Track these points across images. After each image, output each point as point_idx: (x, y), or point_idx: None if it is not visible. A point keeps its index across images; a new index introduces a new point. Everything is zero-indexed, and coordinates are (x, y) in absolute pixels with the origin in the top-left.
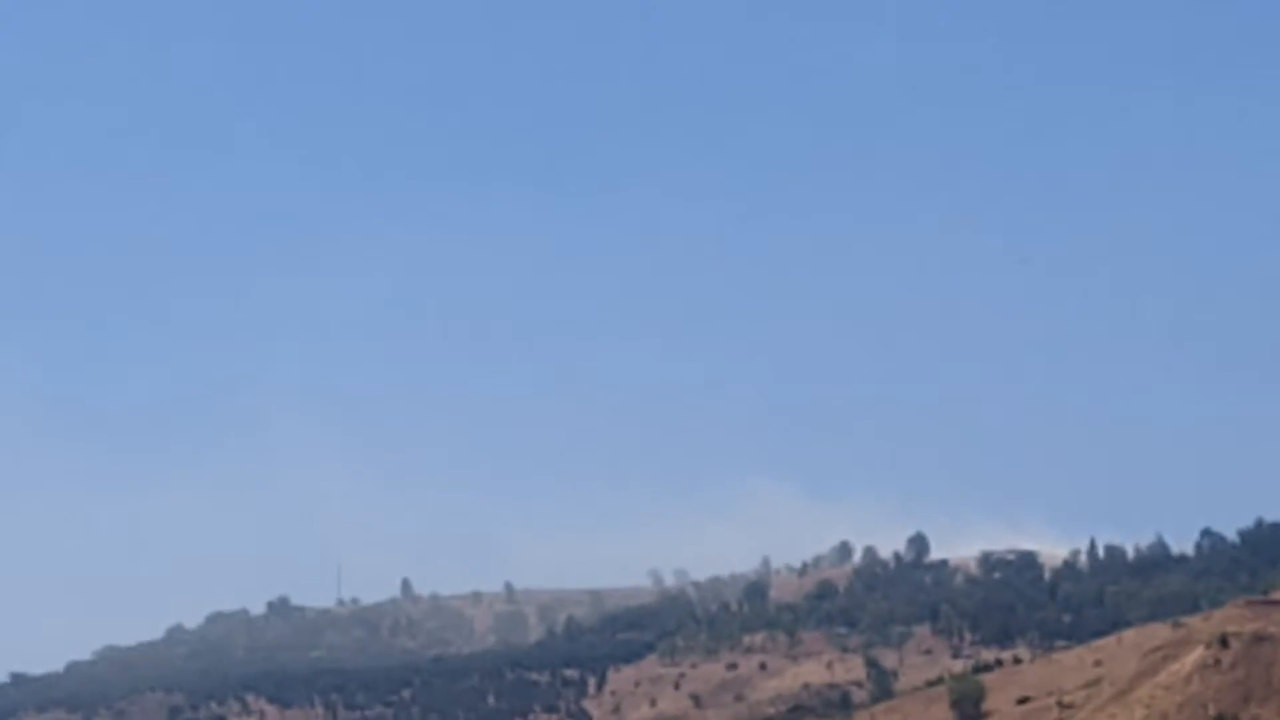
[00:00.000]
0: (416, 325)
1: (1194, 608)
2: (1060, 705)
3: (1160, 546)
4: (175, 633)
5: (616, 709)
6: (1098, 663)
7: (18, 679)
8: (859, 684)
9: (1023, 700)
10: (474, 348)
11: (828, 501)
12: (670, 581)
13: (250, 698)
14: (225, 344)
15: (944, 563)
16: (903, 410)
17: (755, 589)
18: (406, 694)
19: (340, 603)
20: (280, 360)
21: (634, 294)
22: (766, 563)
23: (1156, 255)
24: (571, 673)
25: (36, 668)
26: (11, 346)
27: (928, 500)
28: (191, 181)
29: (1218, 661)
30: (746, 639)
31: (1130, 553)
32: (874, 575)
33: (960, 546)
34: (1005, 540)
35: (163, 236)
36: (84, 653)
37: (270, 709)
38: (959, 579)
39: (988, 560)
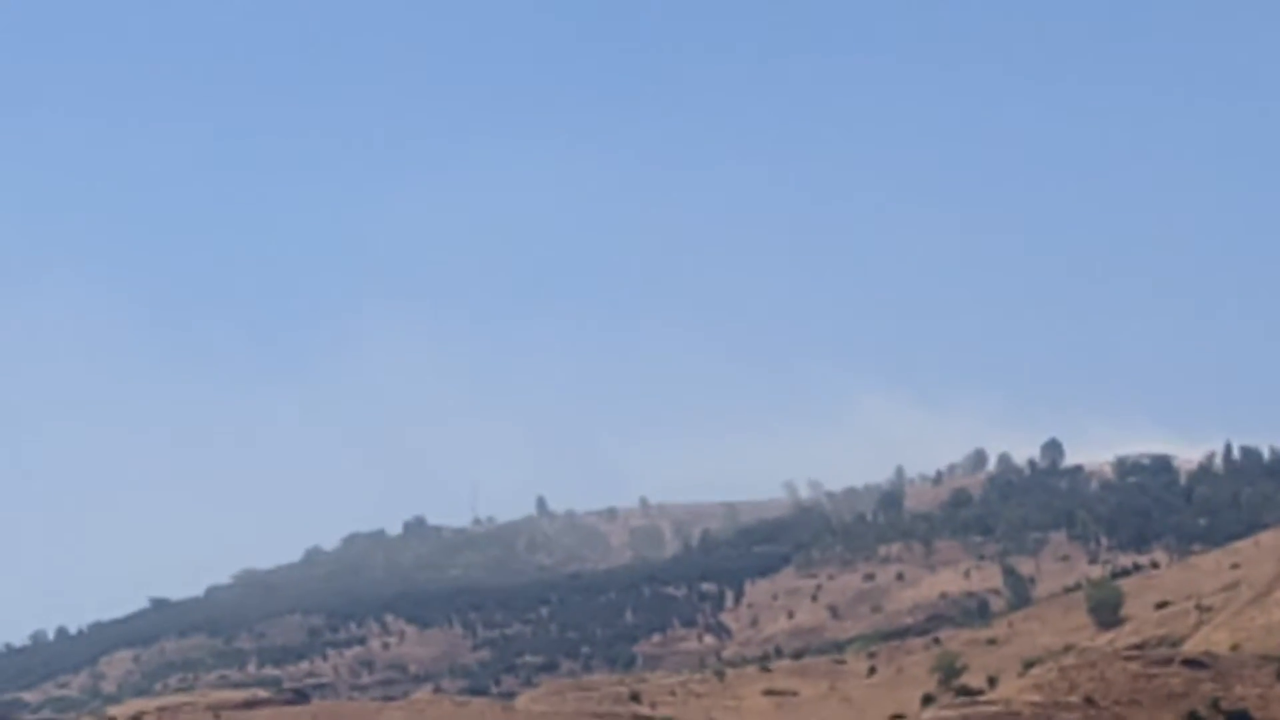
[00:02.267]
0: (540, 241)
1: None
2: (1199, 609)
3: None
4: (313, 554)
5: (754, 621)
6: (1235, 565)
7: (159, 604)
8: (996, 592)
9: (1161, 605)
10: (599, 263)
11: (958, 409)
12: (805, 493)
13: (389, 618)
14: (347, 260)
15: (1078, 468)
16: (1030, 313)
17: (890, 499)
18: (544, 611)
19: (476, 521)
20: (403, 277)
21: (745, 205)
22: (900, 472)
23: None
24: (709, 586)
25: (177, 593)
26: (121, 276)
27: (1060, 406)
28: (299, 99)
29: None
30: (882, 549)
31: (1266, 454)
32: (1008, 483)
33: (1094, 452)
34: (1139, 444)
35: (272, 155)
36: (223, 577)
37: (409, 629)
38: (1094, 484)
39: (1122, 465)
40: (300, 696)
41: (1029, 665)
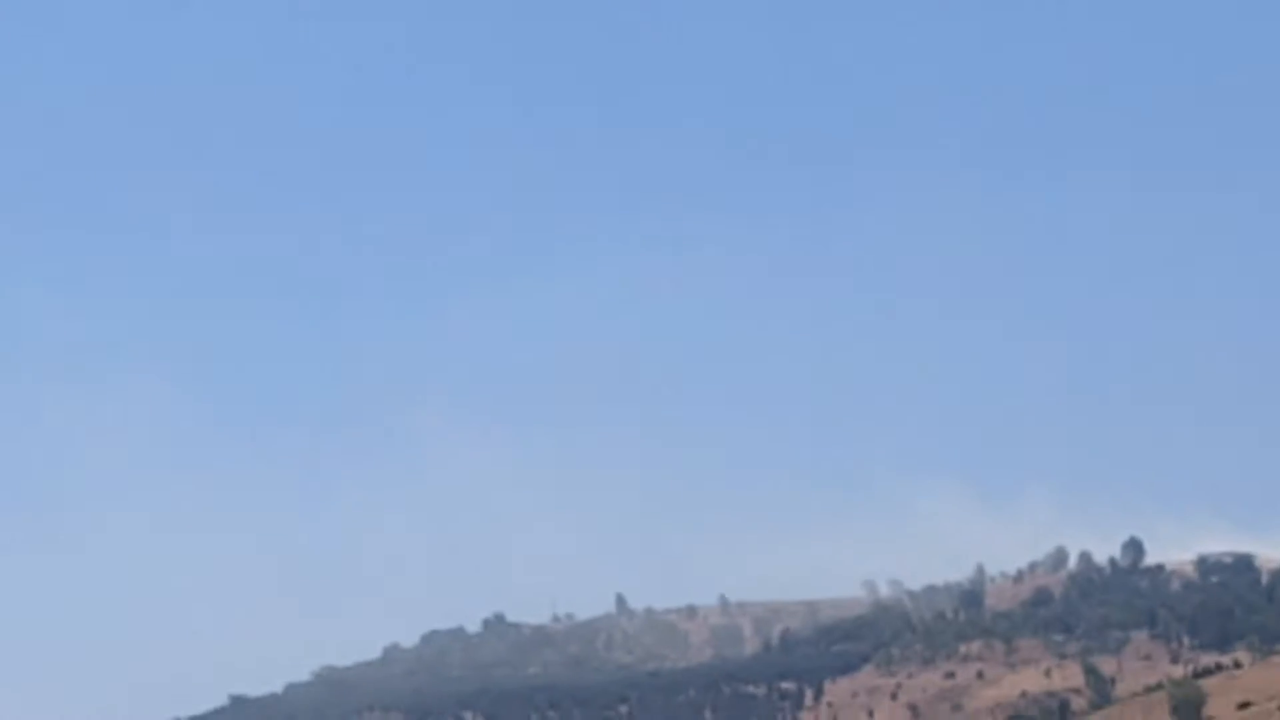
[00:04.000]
0: (615, 343)
1: None
2: None
3: None
4: (392, 652)
5: None
6: None
7: (237, 701)
8: (1077, 691)
9: (1244, 705)
10: (675, 362)
11: (1039, 507)
12: (885, 591)
13: (468, 715)
14: (423, 361)
15: (1160, 567)
16: (1109, 410)
17: (970, 597)
18: (623, 709)
19: (555, 619)
20: (479, 379)
21: (819, 304)
22: (980, 570)
23: None
24: (788, 685)
25: (256, 690)
26: (194, 380)
27: (1141, 505)
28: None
29: None
30: (963, 648)
31: None
32: (1089, 581)
33: (1175, 551)
34: (1220, 543)
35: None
36: (302, 674)
37: None
38: (1175, 583)
39: (1204, 564)
40: None
41: None
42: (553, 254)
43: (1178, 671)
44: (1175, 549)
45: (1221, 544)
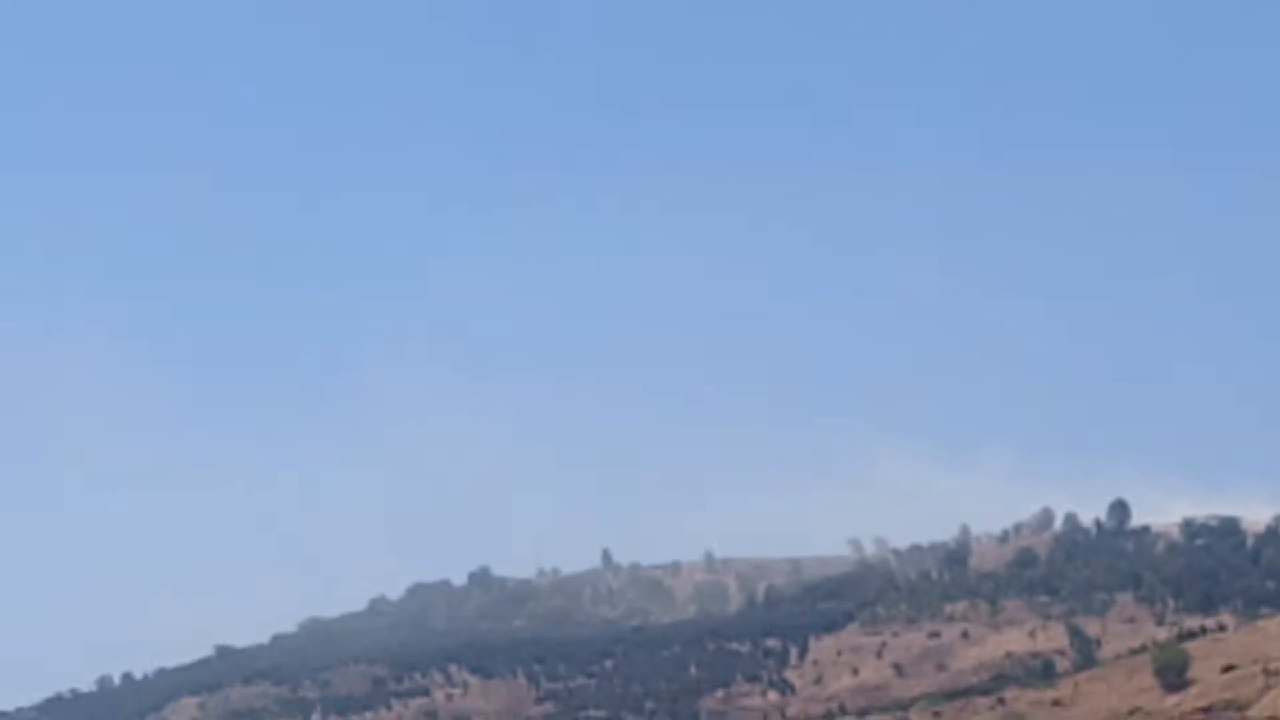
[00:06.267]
0: (601, 299)
1: None
2: (1266, 673)
3: None
4: (378, 604)
5: (819, 679)
6: None
7: (223, 652)
8: (1062, 652)
9: (1228, 668)
10: (662, 320)
11: (1025, 468)
12: (870, 550)
13: (452, 669)
14: (418, 312)
15: (1146, 529)
16: (1098, 373)
17: (955, 557)
18: (608, 664)
19: (541, 573)
20: (473, 333)
21: (788, 261)
22: (966, 530)
23: None
24: (773, 642)
25: (241, 640)
26: (172, 319)
27: (1128, 466)
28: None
29: None
30: (948, 608)
31: None
32: (1075, 543)
33: (1162, 512)
34: (1206, 506)
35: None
36: (288, 625)
37: (473, 680)
38: (1160, 546)
39: (1190, 526)
40: None
41: None
42: (517, 206)
43: (1162, 634)
44: (1159, 512)
45: (1200, 508)
